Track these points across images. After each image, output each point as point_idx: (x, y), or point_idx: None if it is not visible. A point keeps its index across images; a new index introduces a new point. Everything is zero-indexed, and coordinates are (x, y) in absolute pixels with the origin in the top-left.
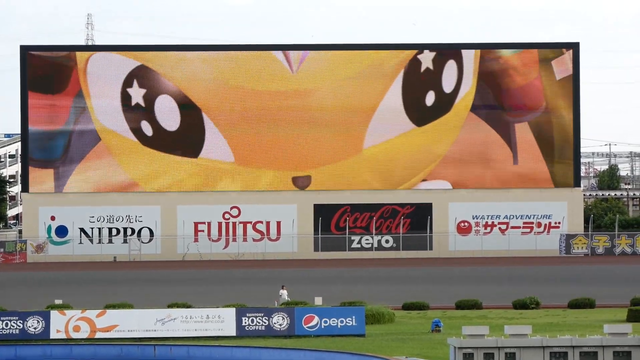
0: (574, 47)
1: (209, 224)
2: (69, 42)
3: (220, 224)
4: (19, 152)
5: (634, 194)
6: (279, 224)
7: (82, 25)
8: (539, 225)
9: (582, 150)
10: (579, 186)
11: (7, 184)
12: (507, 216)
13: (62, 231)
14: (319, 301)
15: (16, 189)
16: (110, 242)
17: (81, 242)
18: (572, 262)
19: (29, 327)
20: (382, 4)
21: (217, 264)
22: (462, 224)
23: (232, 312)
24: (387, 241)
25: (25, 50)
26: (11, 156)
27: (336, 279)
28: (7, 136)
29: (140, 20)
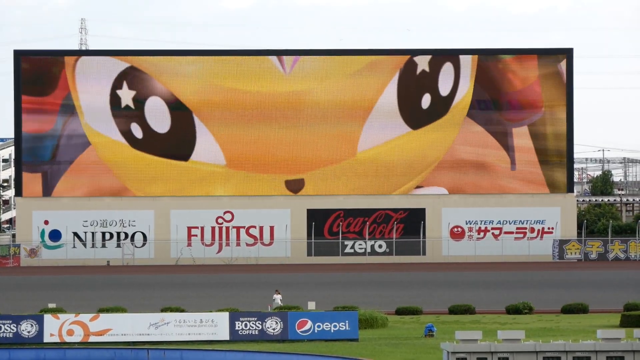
0: (568, 53)
1: (202, 228)
2: (63, 47)
3: (213, 228)
4: (12, 157)
5: (627, 200)
6: (272, 228)
7: (75, 29)
8: (532, 230)
9: (576, 156)
10: (572, 192)
11: (1, 188)
12: (500, 221)
13: (55, 235)
14: (312, 306)
15: (9, 193)
16: (103, 246)
17: (75, 247)
18: (566, 267)
19: (23, 330)
20: (377, 9)
21: (211, 269)
22: (456, 229)
23: (225, 316)
24: (380, 246)
25: (18, 54)
26: (4, 160)
27: (329, 284)
28: (1, 140)
29: (134, 24)
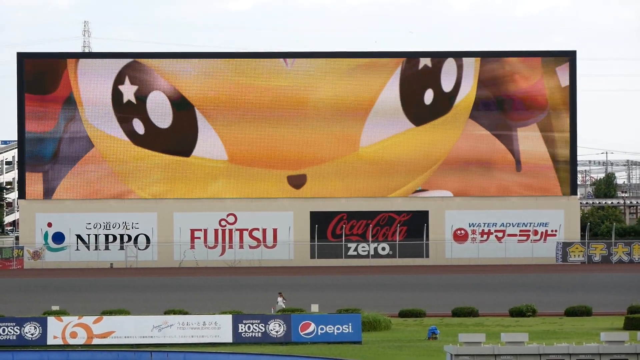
0: (571, 55)
1: (206, 231)
2: (66, 50)
3: (216, 231)
4: (16, 159)
5: (631, 202)
6: (275, 231)
7: (79, 32)
8: (536, 233)
9: (579, 158)
10: (576, 194)
11: (4, 191)
12: (503, 224)
13: (58, 238)
14: (315, 308)
15: (13, 196)
16: (106, 248)
17: (78, 249)
18: (569, 270)
19: (26, 333)
20: (381, 11)
21: (214, 271)
22: (459, 232)
23: (228, 318)
24: (383, 249)
25: (22, 57)
26: (8, 163)
27: (333, 286)
28: (4, 143)
29: (137, 26)
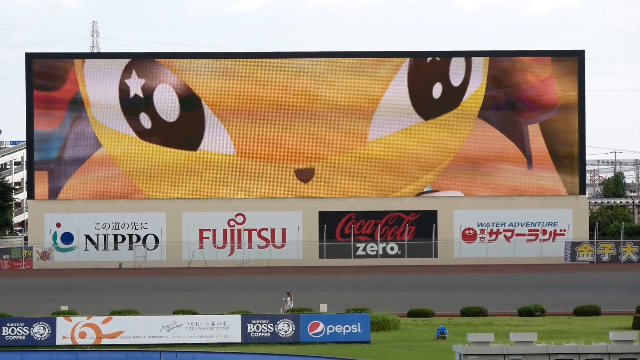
0: (579, 54)
1: (214, 230)
2: (74, 50)
3: (225, 231)
4: (25, 159)
5: None
6: (284, 231)
7: (87, 32)
8: (544, 232)
9: (588, 157)
10: (584, 194)
11: (13, 191)
12: (512, 223)
13: (67, 238)
14: (324, 308)
15: (22, 196)
16: (115, 248)
17: (87, 249)
18: (578, 269)
19: (35, 333)
20: (389, 10)
21: (222, 271)
22: (467, 232)
23: (237, 318)
24: (392, 248)
25: (30, 57)
26: (17, 163)
27: (341, 286)
28: (13, 143)
29: (145, 26)
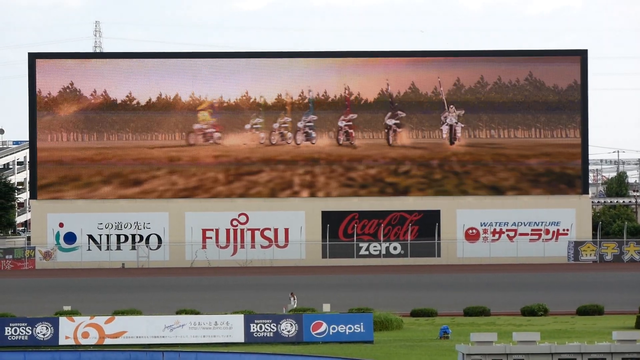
0: (582, 54)
1: (217, 230)
2: (77, 50)
3: (228, 230)
4: (27, 159)
5: None
6: (287, 230)
7: (90, 32)
8: (547, 232)
9: (591, 157)
10: (587, 193)
11: (16, 191)
12: (515, 223)
13: (70, 238)
14: (327, 308)
15: (24, 196)
16: (118, 248)
17: (89, 249)
18: (581, 269)
19: (38, 333)
20: (389, 10)
21: (225, 271)
22: (470, 231)
23: (240, 318)
24: (395, 248)
25: (33, 57)
26: (19, 163)
27: (344, 286)
28: (16, 143)
29: (148, 26)
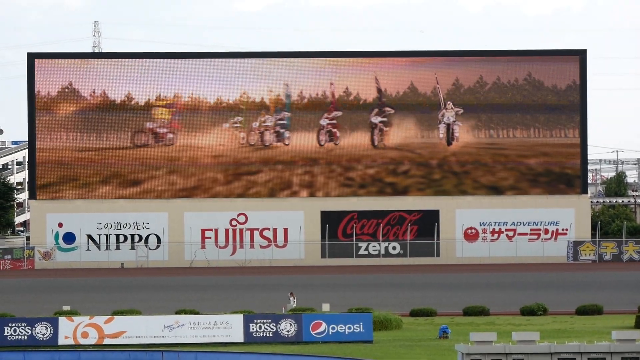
0: (582, 54)
1: (216, 230)
2: (76, 50)
3: (227, 230)
4: (26, 159)
5: None
6: (286, 230)
7: (89, 32)
8: (547, 232)
9: (590, 157)
10: (587, 193)
11: (15, 191)
12: (514, 223)
13: (69, 238)
14: (326, 308)
15: (23, 196)
16: (117, 248)
17: (89, 249)
18: (580, 268)
19: (37, 333)
20: (390, 10)
21: (225, 271)
22: (469, 231)
23: (239, 318)
24: (394, 248)
25: (32, 57)
26: (18, 163)
27: (343, 286)
28: (15, 143)
29: (147, 27)
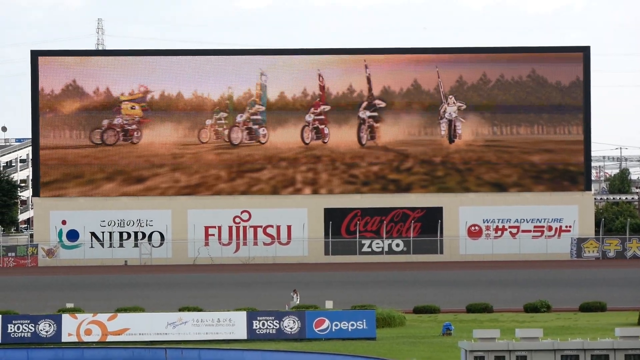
0: (585, 51)
1: (220, 227)
2: (80, 47)
3: (230, 228)
4: (30, 157)
5: None
6: (289, 227)
7: (92, 30)
8: (550, 229)
9: (593, 154)
10: (590, 190)
11: (19, 189)
12: (517, 220)
13: (73, 235)
14: (329, 305)
15: (27, 194)
16: (121, 246)
17: (92, 246)
18: (583, 265)
19: (41, 330)
20: (393, 6)
21: (228, 268)
22: (473, 228)
23: (243, 315)
24: (397, 245)
25: (35, 54)
26: (22, 161)
27: (347, 283)
28: (18, 141)
29: (150, 24)
